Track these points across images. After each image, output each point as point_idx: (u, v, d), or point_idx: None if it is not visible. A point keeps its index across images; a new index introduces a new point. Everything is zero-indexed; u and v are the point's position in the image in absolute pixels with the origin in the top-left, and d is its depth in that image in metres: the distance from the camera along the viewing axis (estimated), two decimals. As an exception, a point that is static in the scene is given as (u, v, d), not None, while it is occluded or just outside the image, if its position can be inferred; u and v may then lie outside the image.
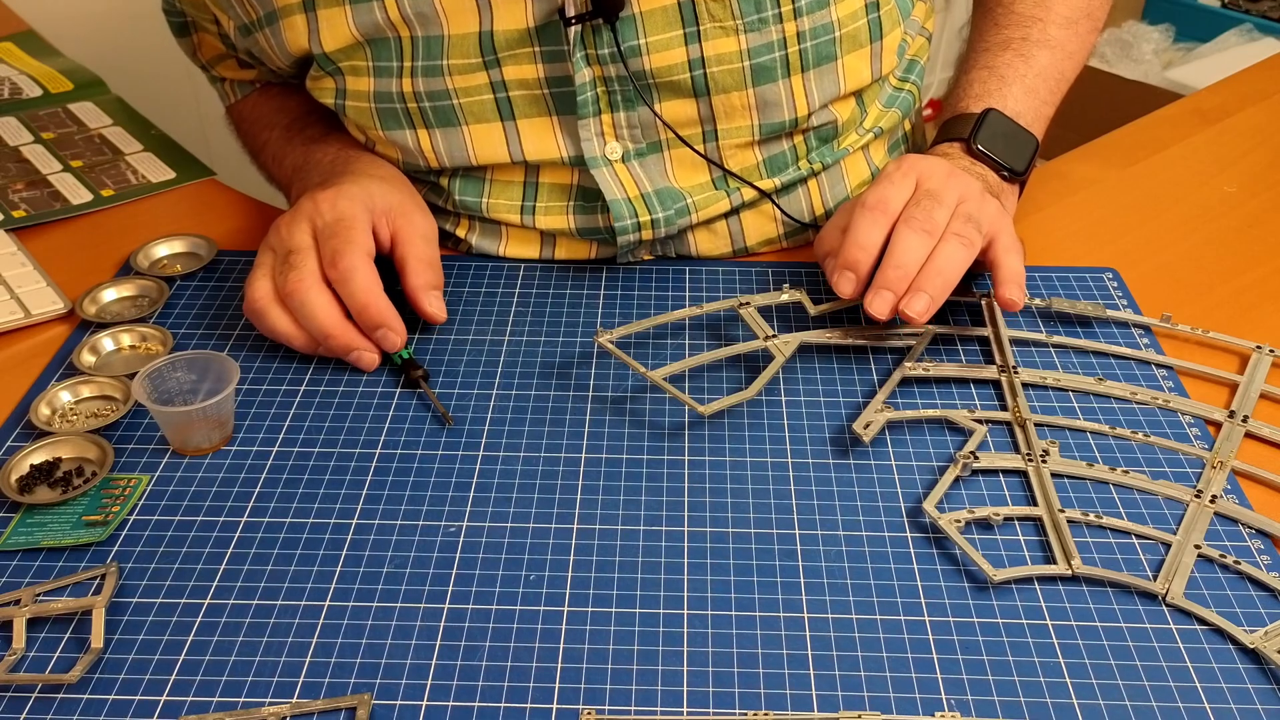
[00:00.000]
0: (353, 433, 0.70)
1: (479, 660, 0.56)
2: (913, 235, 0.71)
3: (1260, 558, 0.61)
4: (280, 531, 0.64)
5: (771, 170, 0.85)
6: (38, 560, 0.62)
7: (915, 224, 0.72)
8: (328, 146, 0.86)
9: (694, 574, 0.61)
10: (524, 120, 0.80)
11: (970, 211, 0.73)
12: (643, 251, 0.86)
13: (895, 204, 0.73)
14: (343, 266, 0.72)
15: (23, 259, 0.86)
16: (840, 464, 0.67)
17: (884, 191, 0.74)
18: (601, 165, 0.81)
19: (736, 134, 0.82)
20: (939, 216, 0.72)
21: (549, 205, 0.84)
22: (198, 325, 0.80)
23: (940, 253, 0.71)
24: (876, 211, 0.73)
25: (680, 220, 0.83)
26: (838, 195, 0.89)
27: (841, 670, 0.56)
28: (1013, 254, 0.74)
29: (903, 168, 0.76)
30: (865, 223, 0.73)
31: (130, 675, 0.56)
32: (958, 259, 0.71)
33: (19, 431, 0.71)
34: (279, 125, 0.93)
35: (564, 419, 0.71)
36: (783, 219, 0.87)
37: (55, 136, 1.03)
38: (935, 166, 0.76)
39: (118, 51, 1.55)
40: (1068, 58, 0.89)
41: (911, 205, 0.73)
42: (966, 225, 0.73)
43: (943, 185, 0.74)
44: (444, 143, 0.81)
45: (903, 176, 0.75)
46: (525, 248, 0.86)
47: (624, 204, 0.81)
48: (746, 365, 0.75)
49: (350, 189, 0.77)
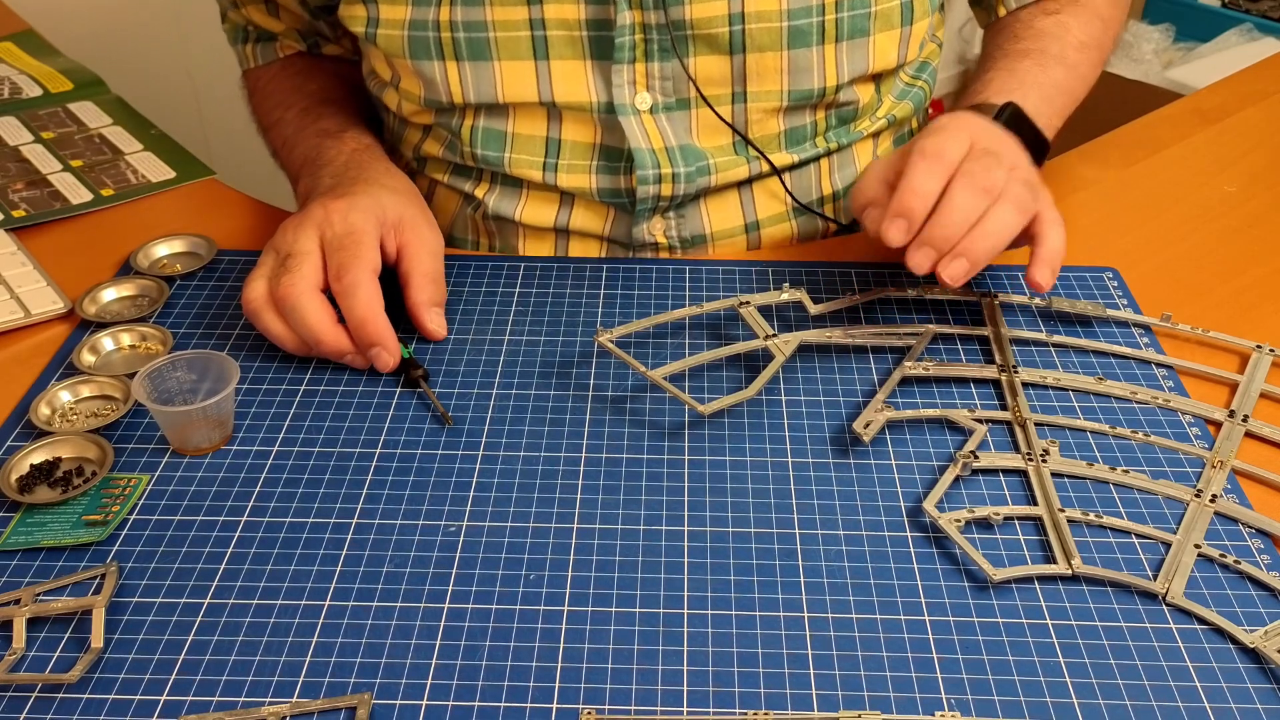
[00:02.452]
0: (353, 433, 0.70)
1: (479, 660, 0.56)
2: (969, 192, 0.69)
3: (1260, 557, 0.61)
4: (280, 531, 0.64)
5: (790, 143, 0.86)
6: (38, 560, 0.62)
7: (974, 180, 0.69)
8: (341, 144, 0.87)
9: (694, 574, 0.61)
10: (557, 61, 0.81)
11: (1027, 177, 0.71)
12: (658, 227, 0.86)
13: (953, 155, 0.70)
14: (347, 281, 0.73)
15: (23, 259, 0.86)
16: (840, 464, 0.67)
17: (941, 143, 0.70)
18: (630, 114, 0.82)
19: (765, 98, 0.83)
20: (997, 176, 0.69)
21: (572, 163, 0.85)
22: (198, 325, 0.80)
23: (993, 215, 0.69)
24: (934, 160, 0.69)
25: (700, 180, 0.84)
26: (846, 177, 0.90)
27: (841, 670, 0.56)
28: (1057, 229, 0.73)
29: (956, 122, 0.73)
30: (922, 170, 0.69)
31: (130, 675, 0.56)
32: (1010, 224, 0.69)
33: (19, 431, 0.71)
34: (295, 107, 0.93)
35: (564, 419, 0.71)
36: (794, 192, 0.88)
37: (55, 136, 1.03)
38: (989, 127, 0.74)
39: (118, 51, 1.55)
40: (1079, 80, 0.88)
41: (970, 160, 0.70)
42: (1024, 190, 0.70)
43: (1000, 145, 0.72)
44: (472, 76, 0.82)
45: (957, 130, 0.72)
46: (543, 210, 0.87)
47: (648, 154, 0.82)
48: (746, 365, 0.75)
49: (363, 201, 0.77)
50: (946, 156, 0.70)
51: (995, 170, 0.70)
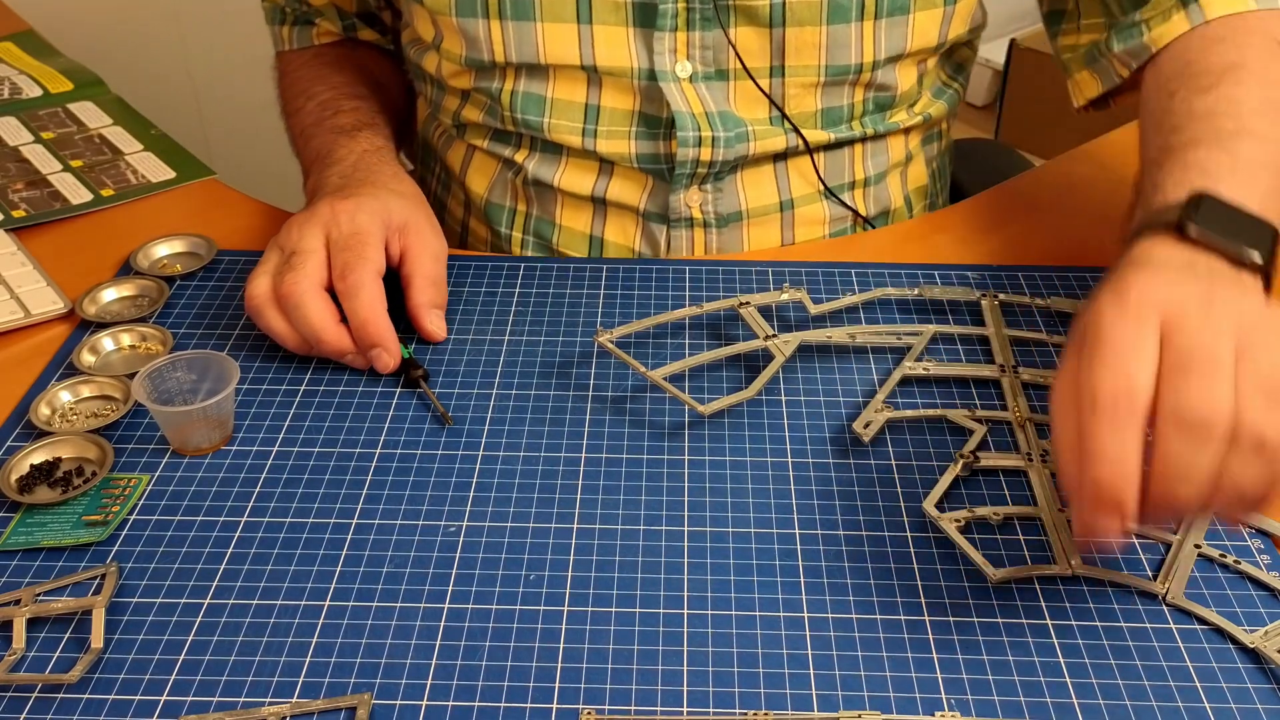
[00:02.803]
0: (353, 433, 0.70)
1: (479, 660, 0.56)
2: (1188, 446, 0.49)
3: (1260, 557, 0.61)
4: (280, 531, 0.64)
5: (826, 123, 0.87)
6: (38, 560, 0.62)
7: (1188, 426, 0.48)
8: (353, 144, 0.87)
9: (694, 574, 0.61)
10: (600, 26, 0.82)
11: (1267, 369, 0.49)
12: (695, 199, 0.86)
13: (1142, 386, 0.49)
14: (351, 281, 0.73)
15: (23, 259, 0.86)
16: (840, 464, 0.67)
17: (1121, 363, 0.50)
18: (670, 80, 0.83)
19: (802, 73, 0.83)
20: (1220, 395, 0.49)
21: (610, 129, 0.86)
22: (198, 325, 0.80)
23: (1234, 470, 0.49)
24: (1119, 411, 0.49)
25: (739, 146, 0.84)
26: (878, 166, 0.91)
27: (841, 670, 0.56)
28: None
29: (1129, 303, 0.52)
30: (1106, 430, 0.49)
31: (130, 675, 0.56)
32: (1262, 477, 0.49)
33: (19, 431, 0.71)
34: (317, 97, 0.94)
35: (564, 419, 0.71)
36: (825, 174, 0.88)
37: (55, 136, 1.03)
38: (1178, 289, 0.53)
39: (118, 51, 1.55)
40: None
41: (1169, 384, 0.49)
42: (1270, 406, 0.49)
43: (1203, 327, 0.50)
44: (515, 35, 0.82)
45: (1138, 323, 0.51)
46: (582, 178, 0.88)
47: (689, 117, 0.83)
48: (746, 365, 0.75)
49: (370, 203, 0.77)
50: (1135, 394, 0.50)
51: (1214, 388, 0.49)
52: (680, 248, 0.90)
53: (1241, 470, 0.49)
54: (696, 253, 0.90)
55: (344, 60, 0.99)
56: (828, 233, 0.91)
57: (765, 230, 0.90)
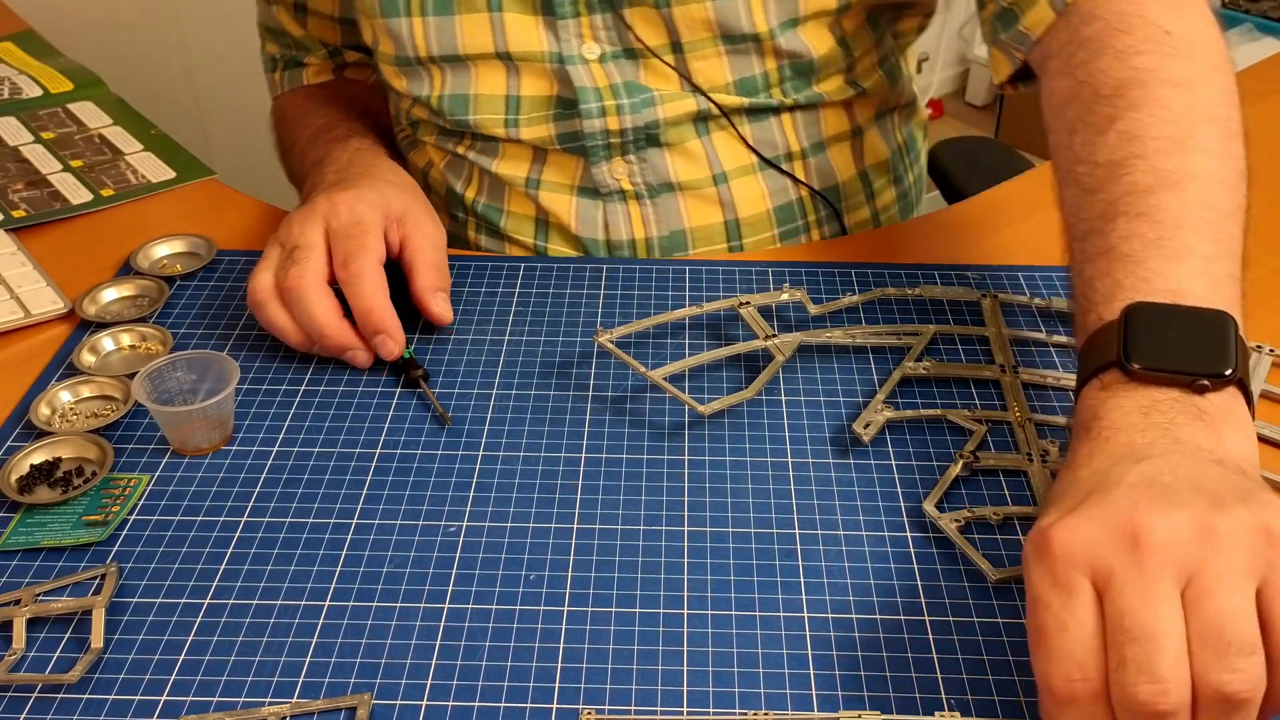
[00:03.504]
0: (353, 433, 0.70)
1: (479, 660, 0.56)
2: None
3: (1260, 558, 0.61)
4: (280, 531, 0.64)
5: (741, 91, 0.87)
6: (38, 560, 0.62)
7: (1144, 716, 0.44)
8: (346, 146, 0.88)
9: (694, 574, 0.61)
10: (509, 14, 0.84)
11: (1214, 616, 0.44)
12: (620, 170, 0.88)
13: (1091, 669, 0.45)
14: (354, 269, 0.73)
15: (23, 259, 0.86)
16: (840, 464, 0.67)
17: (1062, 651, 0.46)
18: (578, 63, 0.85)
19: (700, 47, 0.84)
20: (1165, 674, 0.44)
21: (531, 116, 0.88)
22: (198, 325, 0.80)
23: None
24: (1080, 703, 0.45)
25: (646, 111, 0.85)
26: (812, 138, 0.91)
27: (841, 670, 0.56)
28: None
29: (1055, 562, 0.47)
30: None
31: (130, 675, 0.56)
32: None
33: (19, 431, 0.71)
34: (311, 126, 0.95)
35: (564, 419, 0.71)
36: (754, 144, 0.89)
37: (55, 136, 1.03)
38: (1103, 526, 0.47)
39: (118, 51, 1.55)
40: (1214, 185, 0.60)
41: (1111, 669, 0.45)
42: (1223, 659, 0.44)
43: (1135, 588, 0.45)
44: (436, 30, 0.85)
45: (1065, 593, 0.46)
46: (517, 165, 0.90)
47: (591, 91, 0.85)
48: (746, 365, 0.75)
49: (368, 194, 0.78)
50: (1076, 676, 0.46)
51: (1157, 642, 0.44)
52: (618, 223, 0.90)
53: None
54: (635, 227, 0.90)
55: (335, 95, 1.01)
56: (772, 206, 0.91)
57: (703, 204, 0.90)
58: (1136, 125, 0.62)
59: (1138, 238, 0.58)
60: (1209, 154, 0.61)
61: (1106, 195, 0.61)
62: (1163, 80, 0.63)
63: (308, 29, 1.00)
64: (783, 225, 0.92)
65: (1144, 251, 0.57)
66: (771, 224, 0.91)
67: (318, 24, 1.00)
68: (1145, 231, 0.58)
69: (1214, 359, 0.53)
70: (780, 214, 0.91)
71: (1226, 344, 0.54)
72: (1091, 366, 0.56)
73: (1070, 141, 0.65)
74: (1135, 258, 0.57)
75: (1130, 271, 0.57)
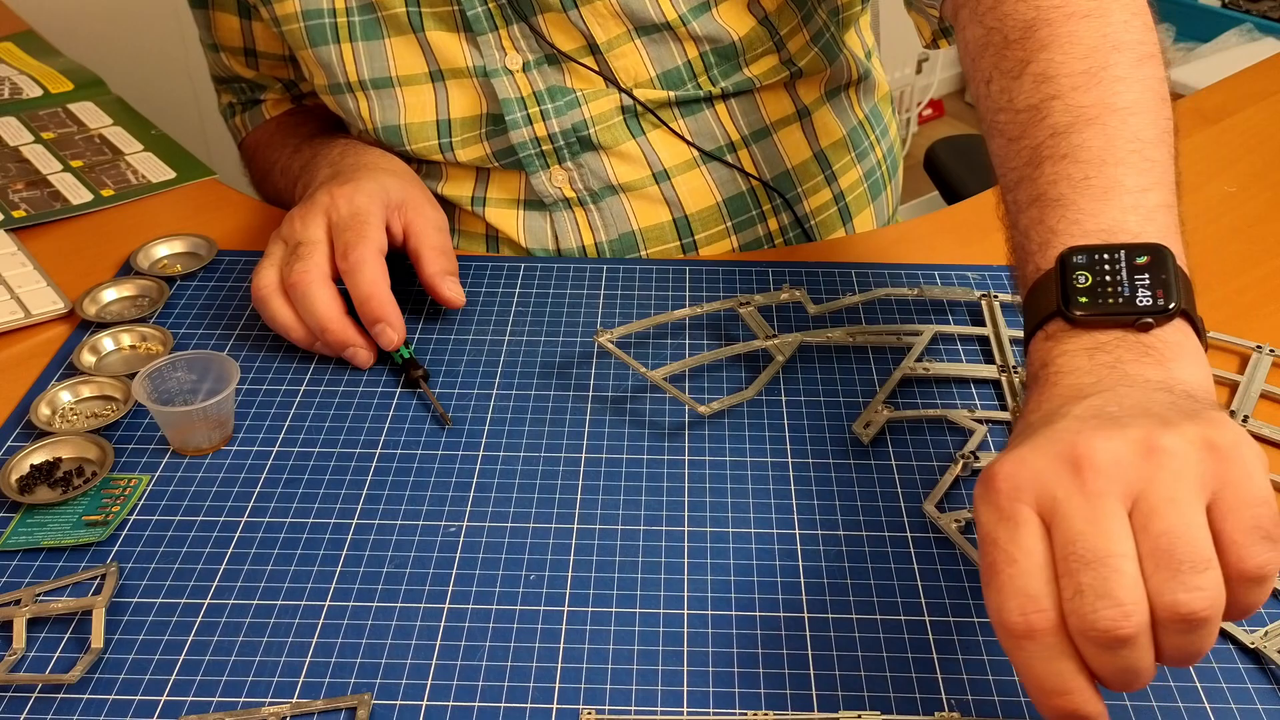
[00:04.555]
0: (353, 433, 0.70)
1: (479, 660, 0.56)
2: (1113, 656, 0.44)
3: (1260, 558, 0.61)
4: (280, 531, 0.64)
5: (667, 84, 0.86)
6: (38, 560, 0.62)
7: (1104, 644, 0.43)
8: (335, 143, 0.88)
9: (694, 574, 0.61)
10: (433, 33, 0.84)
11: (1166, 532, 0.43)
12: (560, 179, 0.87)
13: (1044, 605, 0.44)
14: (354, 258, 0.73)
15: (23, 259, 0.86)
16: (840, 464, 0.67)
17: (1013, 585, 0.45)
18: (502, 75, 0.85)
19: (617, 44, 0.84)
20: (1121, 597, 0.43)
21: (464, 138, 0.87)
22: (198, 325, 0.80)
23: (1169, 646, 0.44)
24: (1036, 641, 0.44)
25: (571, 113, 0.85)
26: (753, 124, 0.90)
27: (841, 670, 0.56)
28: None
29: (1000, 497, 0.46)
30: (1039, 664, 0.45)
31: (130, 675, 0.56)
32: (1203, 640, 0.44)
33: (19, 431, 0.71)
34: (289, 145, 0.95)
35: (564, 419, 0.71)
36: (692, 138, 0.88)
37: (55, 136, 1.03)
38: (1046, 455, 0.46)
39: (118, 51, 1.55)
40: (1135, 114, 0.58)
41: (1065, 597, 0.44)
42: (1177, 578, 0.43)
43: (1082, 514, 0.44)
44: (366, 55, 0.85)
45: (1012, 526, 0.46)
46: (462, 185, 0.90)
47: (515, 102, 0.85)
48: (746, 365, 0.75)
49: (367, 185, 0.78)
50: (1031, 617, 0.44)
51: (1116, 590, 0.43)
52: (566, 231, 0.89)
53: (1175, 644, 0.44)
54: (584, 234, 0.89)
55: (304, 118, 1.00)
56: (722, 198, 0.90)
57: (649, 204, 0.89)
58: (1049, 65, 0.60)
59: (1064, 180, 0.56)
60: (1126, 82, 0.59)
61: (1030, 141, 0.59)
62: (1069, 14, 0.61)
63: (260, 70, 0.99)
64: (736, 217, 0.91)
65: (1072, 194, 0.56)
66: (724, 216, 0.90)
67: (269, 65, 0.98)
68: (1071, 172, 0.56)
69: (1156, 289, 0.52)
70: (732, 205, 0.90)
71: (1166, 278, 0.52)
72: (1035, 319, 0.54)
73: (989, 91, 0.63)
74: (1064, 201, 0.56)
75: (1061, 215, 0.55)
